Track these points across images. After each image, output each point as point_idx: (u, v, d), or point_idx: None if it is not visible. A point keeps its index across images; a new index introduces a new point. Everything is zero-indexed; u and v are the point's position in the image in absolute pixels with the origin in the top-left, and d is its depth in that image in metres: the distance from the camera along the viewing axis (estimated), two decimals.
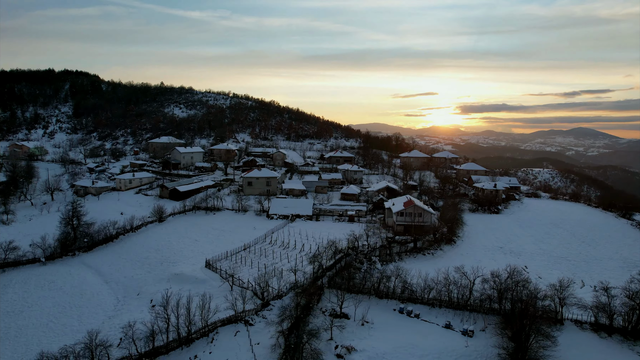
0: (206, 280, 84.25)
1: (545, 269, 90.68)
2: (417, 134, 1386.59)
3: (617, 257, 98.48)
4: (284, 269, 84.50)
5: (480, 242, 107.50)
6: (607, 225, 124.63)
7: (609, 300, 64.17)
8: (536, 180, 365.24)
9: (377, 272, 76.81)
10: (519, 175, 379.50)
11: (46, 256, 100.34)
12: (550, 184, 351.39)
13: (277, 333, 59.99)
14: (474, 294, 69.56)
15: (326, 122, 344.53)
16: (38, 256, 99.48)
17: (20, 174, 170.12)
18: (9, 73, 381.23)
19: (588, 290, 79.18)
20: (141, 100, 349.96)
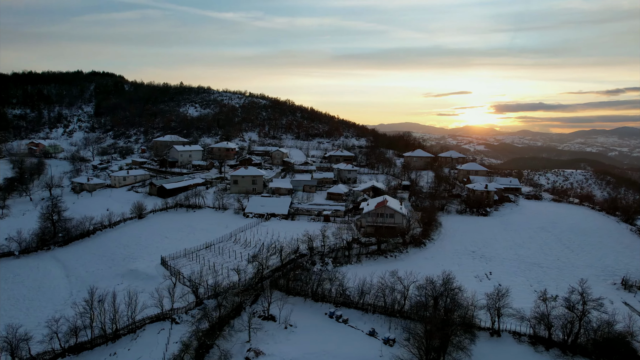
0: (156, 277, 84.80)
1: (510, 275, 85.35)
2: (449, 134, 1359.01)
3: (598, 265, 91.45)
4: (230, 267, 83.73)
5: (452, 245, 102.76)
6: (602, 230, 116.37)
7: (548, 311, 59.29)
8: (567, 182, 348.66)
9: (316, 275, 74.53)
10: (547, 176, 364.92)
11: (21, 250, 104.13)
12: (584, 185, 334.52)
13: (190, 333, 59.27)
14: (411, 300, 66.19)
15: (339, 121, 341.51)
16: (13, 249, 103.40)
17: (27, 171, 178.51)
18: (40, 75, 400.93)
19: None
20: (160, 100, 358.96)
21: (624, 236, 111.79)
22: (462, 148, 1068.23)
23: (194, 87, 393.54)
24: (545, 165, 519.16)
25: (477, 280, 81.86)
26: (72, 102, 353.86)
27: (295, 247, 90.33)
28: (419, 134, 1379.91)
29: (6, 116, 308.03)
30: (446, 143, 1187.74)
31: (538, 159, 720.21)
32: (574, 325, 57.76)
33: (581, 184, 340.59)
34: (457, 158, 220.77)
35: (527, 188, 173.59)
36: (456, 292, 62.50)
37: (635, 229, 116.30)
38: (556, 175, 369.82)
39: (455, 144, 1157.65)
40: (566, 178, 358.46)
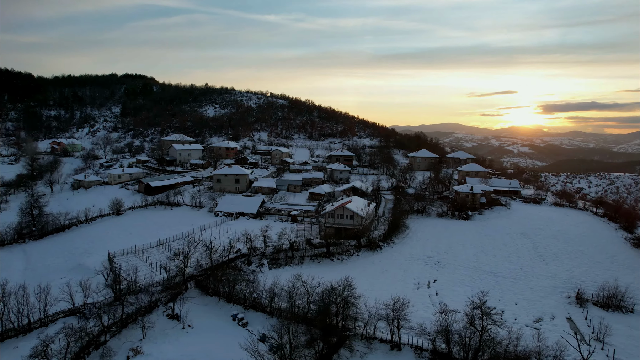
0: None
1: (454, 284, 79.35)
2: (493, 135, 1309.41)
3: (563, 276, 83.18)
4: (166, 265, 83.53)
5: (411, 249, 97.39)
6: (590, 238, 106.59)
7: (447, 325, 54.18)
8: (612, 185, 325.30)
9: (233, 276, 72.72)
10: (590, 179, 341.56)
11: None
12: (632, 190, 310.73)
13: (81, 328, 59.40)
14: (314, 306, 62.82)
15: (355, 121, 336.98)
16: None
17: (37, 168, 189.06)
18: (77, 78, 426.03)
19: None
20: (183, 100, 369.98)
21: (613, 245, 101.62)
22: (504, 149, 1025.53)
23: (216, 87, 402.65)
24: (595, 168, 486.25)
25: (415, 289, 76.71)
26: (103, 103, 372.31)
27: (236, 247, 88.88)
28: (460, 134, 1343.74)
29: (40, 117, 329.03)
30: (488, 144, 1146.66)
31: (587, 162, 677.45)
32: (473, 340, 52.36)
33: (629, 188, 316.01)
34: (465, 159, 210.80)
35: (529, 191, 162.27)
36: (353, 300, 58.48)
37: (630, 238, 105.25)
38: (600, 178, 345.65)
39: (497, 145, 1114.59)
40: (612, 182, 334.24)
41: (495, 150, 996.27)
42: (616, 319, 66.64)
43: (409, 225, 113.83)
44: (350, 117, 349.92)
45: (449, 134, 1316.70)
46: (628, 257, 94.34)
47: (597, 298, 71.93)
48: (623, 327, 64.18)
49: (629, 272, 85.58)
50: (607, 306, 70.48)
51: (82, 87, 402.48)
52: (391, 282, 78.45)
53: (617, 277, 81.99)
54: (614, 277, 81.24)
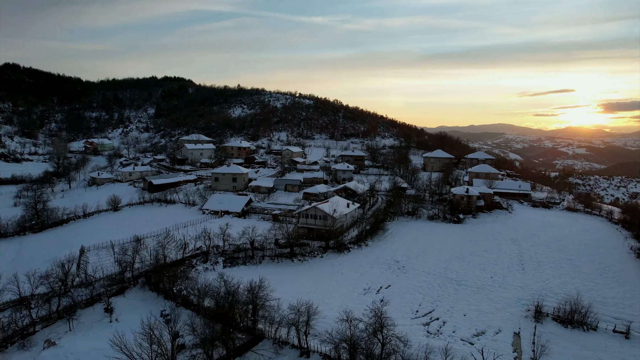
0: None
1: (406, 291, 74.48)
2: (547, 136, 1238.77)
3: (535, 287, 75.79)
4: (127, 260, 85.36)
5: (380, 253, 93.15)
6: (588, 247, 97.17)
7: (350, 334, 50.80)
8: None
9: (173, 273, 72.83)
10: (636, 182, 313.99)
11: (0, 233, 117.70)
12: None
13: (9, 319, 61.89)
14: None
15: (379, 120, 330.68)
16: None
17: (65, 166, 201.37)
18: (120, 81, 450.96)
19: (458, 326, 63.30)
20: (215, 101, 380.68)
21: (612, 255, 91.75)
22: (558, 151, 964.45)
23: (247, 89, 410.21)
24: None
25: (361, 294, 73.00)
26: (140, 105, 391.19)
27: (198, 245, 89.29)
28: (511, 135, 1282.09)
29: (83, 118, 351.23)
30: (540, 145, 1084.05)
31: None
32: (377, 351, 48.73)
33: None
34: (484, 160, 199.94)
35: (542, 194, 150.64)
36: (264, 302, 56.50)
37: (636, 248, 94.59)
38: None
39: (550, 146, 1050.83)
40: None
41: (547, 152, 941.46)
42: (571, 337, 59.86)
43: (388, 227, 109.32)
44: (376, 117, 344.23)
45: (498, 135, 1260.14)
46: (624, 268, 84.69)
47: (558, 313, 64.86)
48: (574, 346, 57.40)
49: (616, 285, 76.73)
50: (569, 322, 63.34)
51: (124, 90, 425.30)
52: (339, 286, 75.34)
53: (600, 290, 74.31)
54: (593, 290, 73.74)
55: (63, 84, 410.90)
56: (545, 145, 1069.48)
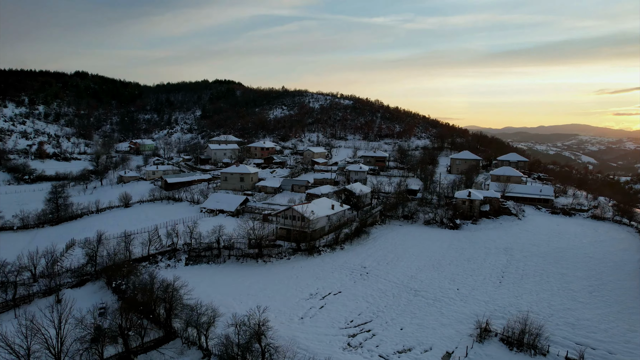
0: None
1: (353, 299, 70.05)
2: (630, 137, 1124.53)
3: (501, 304, 68.22)
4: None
5: (352, 257, 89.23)
6: (595, 259, 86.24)
7: (238, 342, 48.59)
8: None
9: (123, 269, 74.70)
10: None
11: (21, 226, 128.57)
12: None
13: None
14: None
15: (416, 121, 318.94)
16: (14, 225, 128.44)
17: (104, 165, 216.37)
18: (174, 85, 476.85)
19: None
20: (258, 103, 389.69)
21: (617, 271, 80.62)
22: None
23: (290, 90, 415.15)
24: None
25: (303, 299, 69.95)
26: (189, 107, 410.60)
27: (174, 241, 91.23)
28: (586, 136, 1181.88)
29: (136, 120, 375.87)
30: (620, 147, 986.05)
31: None
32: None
33: None
34: (517, 161, 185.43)
35: (567, 200, 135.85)
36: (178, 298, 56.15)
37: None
38: None
39: (632, 148, 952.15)
40: None
41: (628, 154, 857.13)
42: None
43: (374, 231, 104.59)
44: (417, 117, 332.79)
45: (570, 136, 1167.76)
46: (622, 287, 73.70)
47: (509, 333, 57.64)
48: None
49: (602, 306, 66.83)
50: (518, 344, 56.03)
51: (177, 93, 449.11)
52: (285, 290, 72.93)
53: (578, 310, 65.39)
54: (570, 310, 65.04)
55: (123, 89, 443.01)
56: (626, 147, 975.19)
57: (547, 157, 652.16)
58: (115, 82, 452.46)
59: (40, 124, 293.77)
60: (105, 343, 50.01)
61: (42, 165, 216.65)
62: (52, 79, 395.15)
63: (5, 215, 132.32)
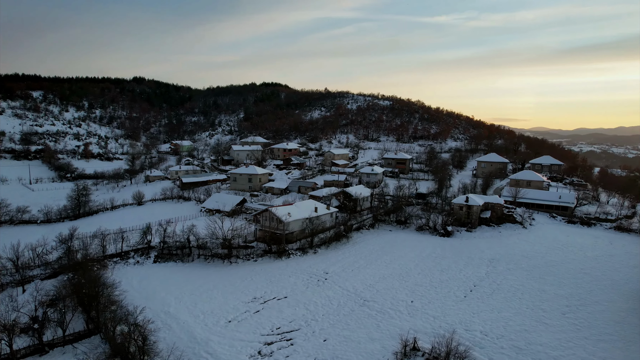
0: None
1: (297, 305, 67.47)
2: None
3: (450, 320, 62.26)
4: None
5: (316, 263, 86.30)
6: (591, 277, 76.59)
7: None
8: None
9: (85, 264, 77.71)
10: None
11: (43, 220, 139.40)
12: None
13: None
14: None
15: (462, 121, 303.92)
16: (38, 219, 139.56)
17: (140, 164, 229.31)
18: (223, 88, 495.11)
19: None
20: (299, 105, 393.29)
21: (607, 293, 70.82)
22: None
23: (331, 92, 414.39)
24: None
25: (240, 302, 68.37)
26: (234, 109, 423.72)
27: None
28: None
29: (184, 122, 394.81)
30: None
31: None
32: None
33: None
34: (550, 165, 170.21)
35: (591, 207, 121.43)
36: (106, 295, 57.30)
37: None
38: None
39: None
40: None
41: None
42: None
43: (356, 236, 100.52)
44: (459, 117, 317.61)
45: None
46: (605, 310, 64.25)
47: (436, 353, 52.21)
48: None
49: (570, 329, 58.61)
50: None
51: (224, 96, 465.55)
52: (229, 292, 71.79)
53: (539, 332, 58.12)
54: (528, 331, 57.90)
55: (174, 92, 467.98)
56: None
57: (623, 160, 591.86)
58: (169, 86, 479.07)
59: (95, 126, 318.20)
60: (17, 333, 51.93)
61: (86, 165, 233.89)
62: (112, 84, 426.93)
63: (32, 209, 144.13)
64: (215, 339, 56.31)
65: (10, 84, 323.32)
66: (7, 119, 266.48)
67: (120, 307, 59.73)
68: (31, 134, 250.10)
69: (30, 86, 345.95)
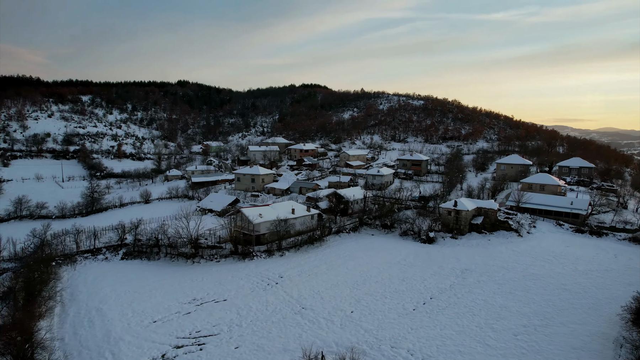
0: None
1: (229, 310, 65.03)
2: None
3: (380, 336, 57.22)
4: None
5: (276, 266, 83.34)
6: (571, 295, 68.09)
7: None
8: None
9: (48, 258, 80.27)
10: None
11: (58, 215, 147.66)
12: None
13: None
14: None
15: (498, 121, 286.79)
16: (53, 214, 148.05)
17: (167, 164, 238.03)
18: (263, 90, 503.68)
19: None
20: (333, 106, 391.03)
21: (583, 315, 62.18)
22: None
23: (366, 92, 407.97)
24: None
25: (176, 303, 66.97)
26: (271, 111, 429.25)
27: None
28: None
29: (222, 124, 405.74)
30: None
31: None
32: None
33: None
34: (579, 168, 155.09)
35: (609, 216, 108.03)
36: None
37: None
38: None
39: None
40: None
41: None
42: None
43: (330, 239, 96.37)
44: (495, 118, 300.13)
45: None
46: (569, 332, 56.11)
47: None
48: None
49: (511, 354, 51.63)
50: None
51: (263, 98, 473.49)
52: (173, 291, 70.78)
53: (468, 354, 51.79)
54: (456, 353, 51.77)
55: (215, 95, 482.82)
56: None
57: None
58: (210, 88, 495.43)
59: (134, 127, 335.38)
60: None
61: (118, 164, 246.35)
62: (157, 88, 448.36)
63: (49, 205, 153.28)
64: (128, 339, 55.32)
65: (61, 90, 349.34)
66: (55, 122, 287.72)
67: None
68: (73, 135, 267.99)
69: (82, 91, 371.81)
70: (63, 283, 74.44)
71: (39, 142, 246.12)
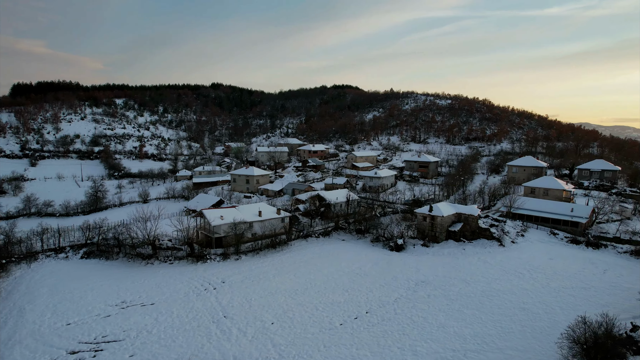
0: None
1: (149, 315, 62.33)
2: None
3: (283, 352, 52.32)
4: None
5: (226, 270, 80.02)
6: (527, 314, 60.04)
7: None
8: None
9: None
10: None
11: (62, 213, 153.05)
12: None
13: None
14: None
15: (522, 121, 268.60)
16: (57, 212, 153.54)
17: (184, 164, 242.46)
18: (294, 91, 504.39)
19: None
20: (360, 106, 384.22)
21: (536, 334, 54.13)
22: None
23: (395, 92, 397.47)
24: None
25: (102, 304, 65.25)
26: (299, 112, 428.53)
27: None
28: None
29: (250, 125, 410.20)
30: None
31: None
32: None
33: None
34: (602, 171, 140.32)
35: (612, 226, 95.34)
36: None
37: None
38: None
39: None
40: None
41: None
42: None
43: (295, 244, 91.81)
44: (528, 117, 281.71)
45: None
46: (506, 357, 48.66)
47: None
48: None
49: None
50: None
51: (293, 99, 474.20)
52: (106, 293, 69.25)
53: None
54: None
55: (247, 97, 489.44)
56: None
57: None
58: (242, 90, 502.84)
59: (162, 129, 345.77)
60: None
61: (139, 164, 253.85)
62: (190, 90, 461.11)
63: (55, 203, 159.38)
64: (27, 342, 53.97)
65: (97, 94, 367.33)
66: (86, 124, 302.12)
67: None
68: (100, 137, 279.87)
69: (117, 94, 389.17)
70: (7, 280, 75.13)
71: (67, 143, 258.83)
